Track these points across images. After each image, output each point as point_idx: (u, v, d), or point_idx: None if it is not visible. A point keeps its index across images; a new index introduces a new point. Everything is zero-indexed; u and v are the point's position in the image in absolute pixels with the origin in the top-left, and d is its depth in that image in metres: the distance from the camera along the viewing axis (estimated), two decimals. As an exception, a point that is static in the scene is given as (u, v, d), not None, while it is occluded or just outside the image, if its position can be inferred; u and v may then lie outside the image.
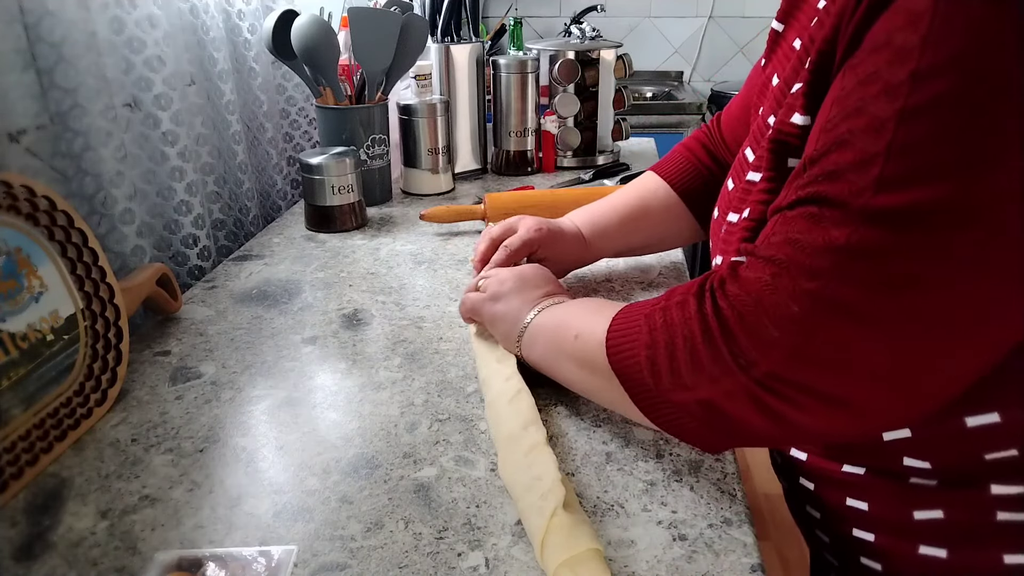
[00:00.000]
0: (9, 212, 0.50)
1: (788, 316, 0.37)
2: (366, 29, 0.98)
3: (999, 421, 0.41)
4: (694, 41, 2.45)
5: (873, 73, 0.34)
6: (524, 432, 0.49)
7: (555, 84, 1.22)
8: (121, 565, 0.42)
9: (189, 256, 0.87)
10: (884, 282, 0.35)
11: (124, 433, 0.55)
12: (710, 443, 0.45)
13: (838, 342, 0.36)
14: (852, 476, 0.48)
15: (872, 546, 0.49)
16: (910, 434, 0.44)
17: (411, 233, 0.96)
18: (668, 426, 0.45)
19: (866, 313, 0.35)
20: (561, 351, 0.52)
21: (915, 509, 0.46)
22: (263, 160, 1.09)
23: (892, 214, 0.34)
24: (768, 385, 0.38)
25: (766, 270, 0.38)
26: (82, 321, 0.56)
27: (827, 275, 0.36)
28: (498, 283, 0.61)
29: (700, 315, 0.41)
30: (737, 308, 0.39)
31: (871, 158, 0.34)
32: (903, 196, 0.33)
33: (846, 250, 0.35)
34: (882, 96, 0.34)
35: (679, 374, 0.42)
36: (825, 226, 0.36)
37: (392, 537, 0.44)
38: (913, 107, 0.32)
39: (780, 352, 0.37)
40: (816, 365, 0.37)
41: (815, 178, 0.37)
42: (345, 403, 0.58)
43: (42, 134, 0.65)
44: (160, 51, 0.78)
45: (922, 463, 0.45)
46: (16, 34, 0.62)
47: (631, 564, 0.42)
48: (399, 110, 1.09)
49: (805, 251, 0.37)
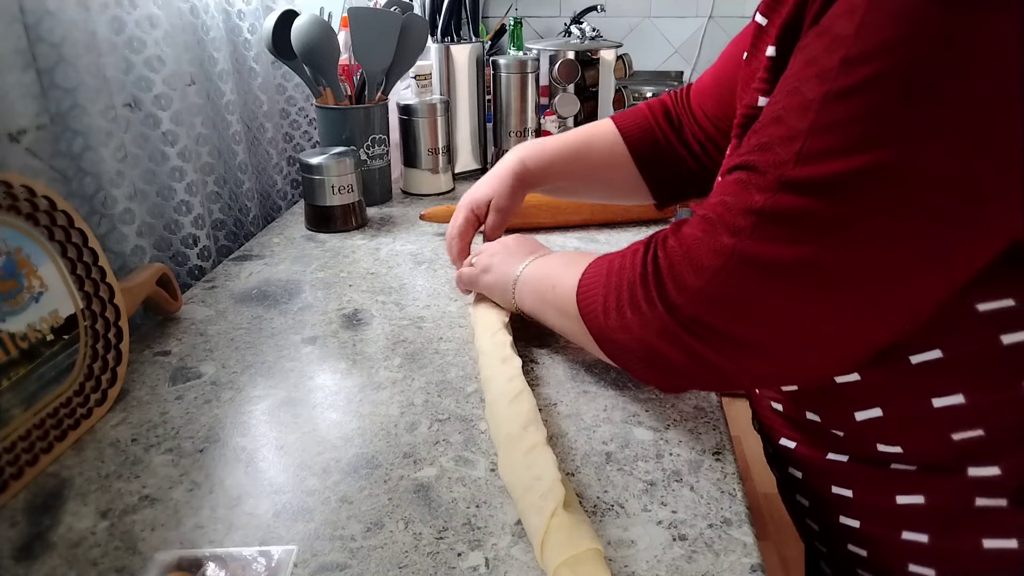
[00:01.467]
0: (9, 212, 0.50)
1: (708, 267, 0.41)
2: (366, 29, 0.98)
3: (964, 402, 0.43)
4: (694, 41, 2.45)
5: (813, 57, 0.37)
6: (524, 432, 0.49)
7: (555, 84, 1.22)
8: (121, 565, 0.42)
9: (189, 256, 0.87)
10: (793, 243, 0.38)
11: (124, 433, 0.55)
12: (656, 382, 0.51)
13: (749, 293, 0.40)
14: (836, 464, 0.50)
15: (857, 532, 0.50)
16: (881, 413, 0.46)
17: (411, 233, 0.96)
18: (622, 364, 0.51)
19: (775, 269, 0.39)
20: (545, 302, 0.59)
21: (897, 494, 0.47)
22: (263, 160, 1.09)
23: (806, 184, 0.37)
24: (690, 328, 0.43)
25: (699, 226, 0.43)
26: (82, 321, 0.56)
27: (744, 233, 0.40)
28: (488, 256, 0.69)
29: (643, 263, 0.46)
30: (670, 258, 0.44)
31: (796, 134, 0.37)
32: (817, 169, 0.37)
33: (763, 213, 0.39)
34: (815, 79, 0.37)
35: (623, 315, 0.47)
36: (750, 191, 0.40)
37: (392, 537, 0.44)
38: (837, 90, 0.35)
39: (699, 299, 0.42)
40: (730, 313, 0.41)
41: (751, 148, 0.41)
42: (345, 403, 0.58)
43: (42, 134, 0.65)
44: (160, 51, 0.78)
45: (894, 448, 0.46)
46: (16, 34, 0.62)
47: (631, 564, 0.42)
48: (399, 110, 1.09)
49: (731, 211, 0.41)
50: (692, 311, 0.43)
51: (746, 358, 0.43)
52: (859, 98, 0.35)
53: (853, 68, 0.35)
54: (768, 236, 0.39)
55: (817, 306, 0.40)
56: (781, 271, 0.39)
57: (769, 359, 0.43)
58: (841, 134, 0.36)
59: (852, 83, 0.35)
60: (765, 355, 0.42)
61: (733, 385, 0.50)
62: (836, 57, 0.35)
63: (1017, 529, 0.43)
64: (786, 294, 0.40)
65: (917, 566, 0.47)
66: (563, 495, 0.43)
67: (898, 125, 0.34)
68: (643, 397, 0.58)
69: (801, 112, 0.37)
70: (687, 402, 0.57)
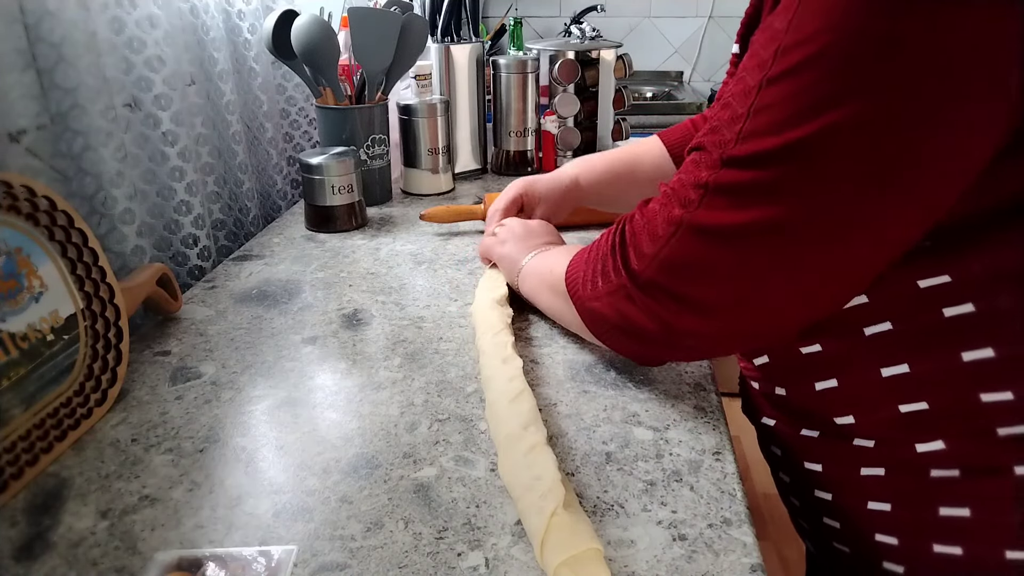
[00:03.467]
0: (9, 212, 0.50)
1: (662, 235, 0.46)
2: (366, 29, 0.98)
3: (909, 371, 0.45)
4: (694, 41, 2.45)
5: (756, 50, 0.42)
6: (524, 432, 0.49)
7: (555, 84, 1.22)
8: (121, 565, 0.42)
9: (189, 256, 0.87)
10: (734, 211, 0.42)
11: (124, 433, 0.55)
12: (631, 351, 0.55)
13: (697, 258, 0.45)
14: (808, 439, 0.53)
15: (829, 504, 0.53)
16: (836, 384, 0.49)
17: (411, 233, 0.96)
18: (601, 335, 0.55)
19: (719, 236, 0.43)
20: (542, 283, 0.65)
21: (862, 467, 0.50)
22: (263, 160, 1.09)
23: (745, 160, 0.41)
24: (649, 292, 0.48)
25: (659, 201, 0.48)
26: (82, 321, 0.56)
27: (692, 205, 0.44)
28: (508, 231, 0.76)
29: (613, 236, 0.52)
30: (634, 229, 0.50)
31: (738, 116, 0.42)
32: (754, 146, 0.41)
33: (708, 186, 0.43)
34: (756, 68, 0.41)
35: (596, 284, 0.53)
36: (700, 168, 0.44)
37: (392, 537, 0.44)
38: (771, 76, 0.40)
39: (654, 264, 0.47)
40: (681, 276, 0.46)
41: (705, 131, 0.45)
42: (345, 403, 0.58)
43: (42, 134, 0.65)
44: (160, 51, 0.78)
45: (847, 419, 0.49)
46: (16, 34, 0.62)
47: (631, 564, 0.42)
48: (399, 110, 1.09)
49: (684, 186, 0.45)
50: (649, 275, 0.47)
51: (701, 320, 0.46)
52: (788, 82, 0.39)
53: (784, 56, 0.39)
54: (713, 207, 0.43)
55: (758, 270, 0.43)
56: (725, 238, 0.43)
57: (720, 320, 0.46)
58: (773, 114, 0.40)
59: (782, 69, 0.39)
60: (715, 317, 0.46)
61: (697, 352, 0.55)
62: (772, 48, 0.40)
63: (969, 498, 0.45)
64: (730, 259, 0.43)
65: (882, 535, 0.50)
66: (563, 495, 0.43)
67: (821, 103, 0.38)
68: (643, 397, 0.58)
69: (743, 97, 0.42)
70: (687, 402, 0.57)
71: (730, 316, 0.46)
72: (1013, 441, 0.43)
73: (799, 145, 0.39)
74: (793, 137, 0.39)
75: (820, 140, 0.38)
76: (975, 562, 0.46)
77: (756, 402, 0.58)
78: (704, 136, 0.45)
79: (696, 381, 0.60)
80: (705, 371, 0.62)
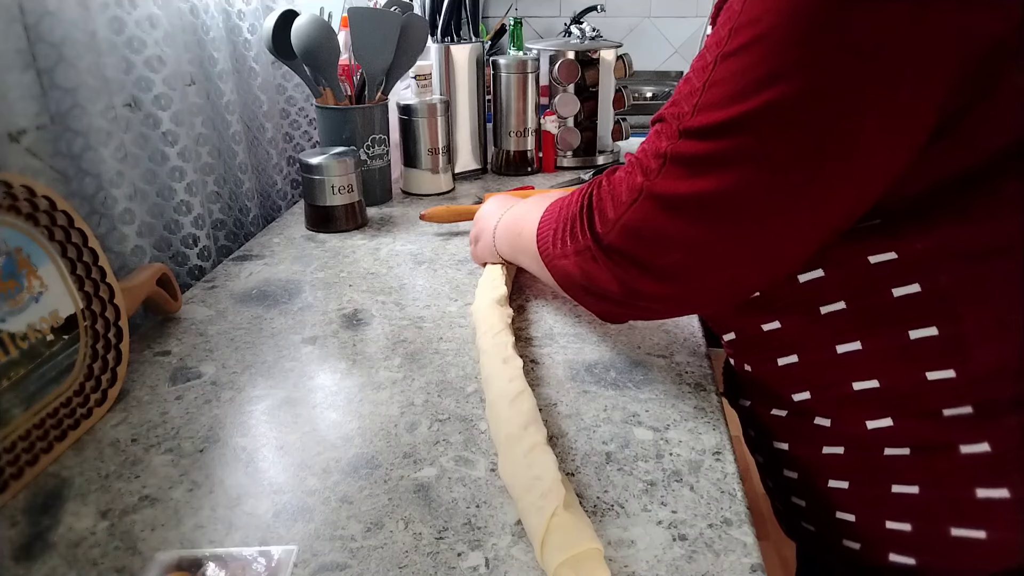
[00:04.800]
0: (9, 212, 0.50)
1: (624, 202, 0.48)
2: (366, 29, 0.98)
3: (861, 348, 0.47)
4: (694, 41, 2.45)
5: (716, 30, 0.44)
6: (524, 432, 0.49)
7: (555, 84, 1.22)
8: (121, 565, 0.42)
9: (189, 256, 0.87)
10: (689, 180, 0.44)
11: (124, 433, 0.55)
12: (597, 309, 0.57)
13: (655, 224, 0.46)
14: (777, 419, 0.55)
15: (796, 483, 0.55)
16: (796, 359, 0.51)
17: (411, 233, 0.96)
18: (571, 292, 0.57)
19: (676, 203, 0.45)
20: (517, 248, 0.68)
21: (824, 446, 0.52)
22: (263, 160, 1.09)
23: (699, 131, 0.43)
24: (610, 255, 0.49)
25: (625, 169, 0.50)
26: (82, 321, 0.56)
27: (652, 174, 0.46)
28: (475, 229, 0.80)
29: (581, 199, 0.54)
30: (600, 194, 0.51)
31: (695, 91, 0.44)
32: (707, 117, 0.43)
33: (667, 156, 0.45)
34: (714, 45, 0.43)
35: (564, 243, 0.55)
36: (661, 138, 0.46)
37: (392, 537, 0.44)
38: (725, 53, 0.42)
39: (616, 229, 0.48)
40: (640, 241, 0.47)
41: (668, 104, 0.47)
42: (345, 403, 0.58)
43: (42, 134, 0.65)
44: (160, 51, 0.78)
45: (803, 395, 0.52)
46: (16, 34, 0.62)
47: (631, 564, 0.42)
48: (399, 110, 1.09)
49: (646, 155, 0.47)
50: (611, 239, 0.49)
51: (657, 284, 0.48)
52: (737, 58, 0.41)
53: (736, 35, 0.41)
54: (671, 176, 0.45)
55: (711, 238, 0.45)
56: (681, 205, 0.45)
57: (676, 285, 0.48)
58: (724, 88, 0.42)
59: (735, 47, 0.41)
60: (673, 281, 0.48)
61: (656, 313, 0.58)
62: (728, 27, 0.42)
63: (918, 475, 0.47)
64: (685, 227, 0.45)
65: (842, 513, 0.51)
66: (563, 495, 0.43)
67: (764, 80, 0.40)
68: (643, 397, 0.58)
69: (701, 72, 0.44)
70: (687, 402, 0.57)
71: (686, 281, 0.48)
72: (958, 419, 0.45)
73: (745, 118, 0.41)
74: (739, 111, 0.41)
75: (763, 114, 0.40)
76: (922, 539, 0.48)
77: (733, 382, 0.61)
78: (666, 108, 0.47)
79: (696, 381, 0.60)
80: (705, 371, 0.62)
